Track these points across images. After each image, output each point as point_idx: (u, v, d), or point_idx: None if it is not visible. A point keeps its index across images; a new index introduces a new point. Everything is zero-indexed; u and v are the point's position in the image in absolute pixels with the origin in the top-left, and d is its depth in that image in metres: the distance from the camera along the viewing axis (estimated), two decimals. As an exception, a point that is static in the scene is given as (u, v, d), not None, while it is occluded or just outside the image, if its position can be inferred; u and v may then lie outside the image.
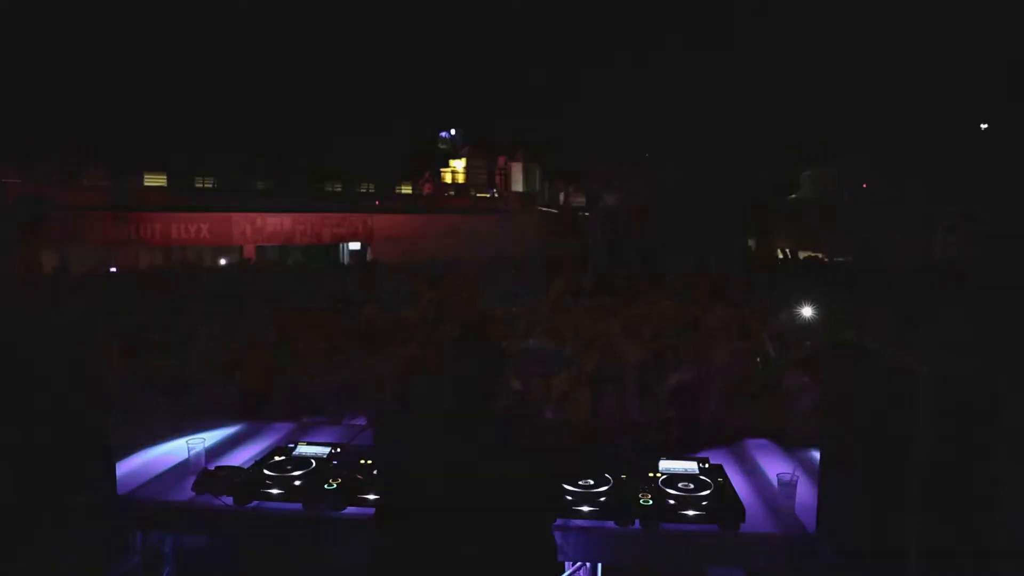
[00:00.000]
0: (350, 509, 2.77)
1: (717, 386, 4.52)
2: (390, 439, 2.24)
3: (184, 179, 20.41)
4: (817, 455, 2.52)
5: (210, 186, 20.96)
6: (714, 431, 4.17)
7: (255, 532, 2.83)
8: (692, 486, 2.78)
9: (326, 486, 2.80)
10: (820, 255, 17.31)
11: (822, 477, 2.46)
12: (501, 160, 26.22)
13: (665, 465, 3.00)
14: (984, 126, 20.21)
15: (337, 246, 20.43)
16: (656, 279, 11.95)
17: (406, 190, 23.93)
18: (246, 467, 2.98)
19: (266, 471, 2.92)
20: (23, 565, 2.30)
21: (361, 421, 4.30)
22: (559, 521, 2.67)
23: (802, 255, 16.24)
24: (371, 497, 2.77)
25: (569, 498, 2.72)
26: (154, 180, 20.36)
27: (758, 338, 5.56)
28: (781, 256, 17.61)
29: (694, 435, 4.06)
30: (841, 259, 17.02)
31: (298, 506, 2.81)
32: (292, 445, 3.23)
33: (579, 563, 3.18)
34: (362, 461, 3.00)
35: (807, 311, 7.15)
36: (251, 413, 4.66)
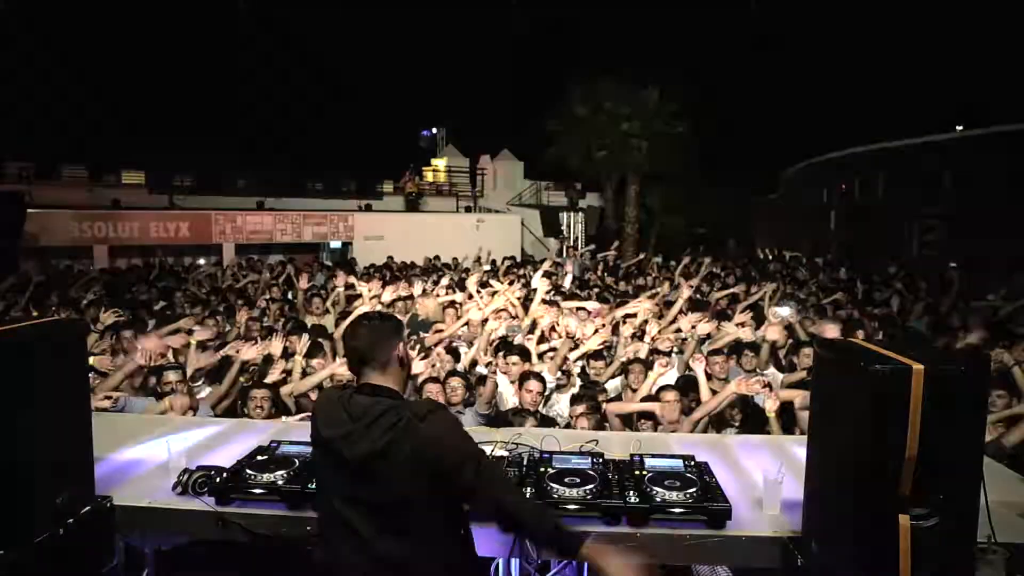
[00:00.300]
0: (334, 509, 2.74)
1: None
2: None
3: (163, 177, 20.13)
4: (804, 453, 2.52)
5: (189, 184, 20.68)
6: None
7: (237, 533, 2.79)
8: (678, 484, 2.78)
9: (309, 486, 2.77)
10: (799, 254, 17.49)
11: (808, 475, 2.46)
12: (482, 158, 26.21)
13: (651, 463, 3.00)
14: (959, 128, 20.47)
15: (319, 245, 20.31)
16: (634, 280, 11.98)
17: (388, 188, 23.80)
18: (228, 467, 2.94)
19: (248, 471, 2.88)
20: (1, 566, 2.25)
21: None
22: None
23: (787, 254, 16.37)
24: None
25: (555, 496, 2.71)
26: (132, 178, 20.10)
27: None
28: (762, 255, 17.77)
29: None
30: (820, 259, 17.21)
31: (281, 506, 2.78)
32: (275, 444, 3.19)
33: (565, 561, 3.17)
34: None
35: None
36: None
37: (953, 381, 1.94)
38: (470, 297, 8.16)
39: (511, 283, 9.09)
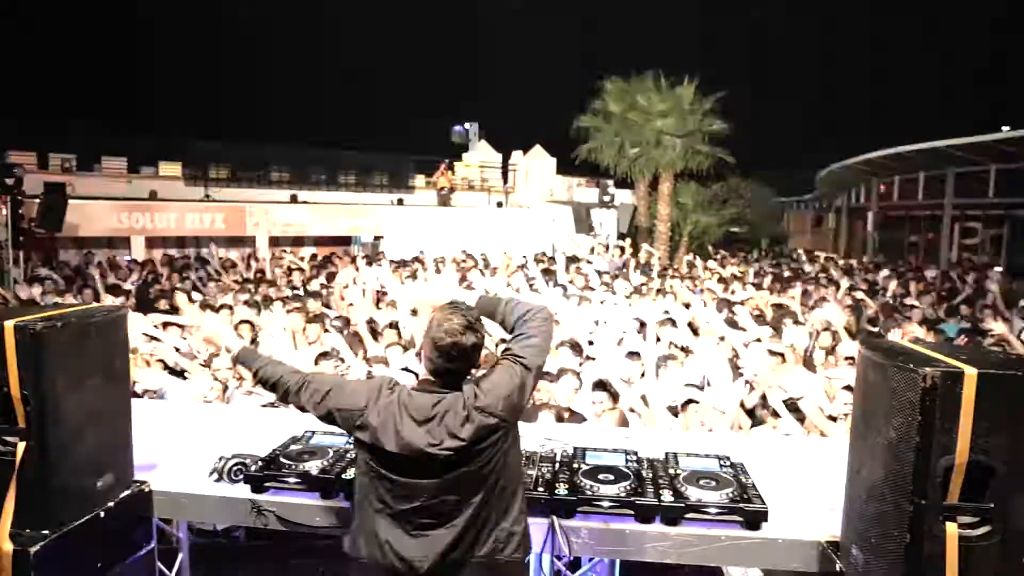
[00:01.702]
0: (367, 499, 2.74)
1: None
2: None
3: (199, 168, 20.40)
4: (845, 454, 2.46)
5: (225, 176, 20.94)
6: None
7: (270, 520, 2.80)
8: (714, 483, 2.73)
9: (343, 475, 2.78)
10: (835, 256, 17.17)
11: (850, 478, 2.39)
12: (514, 154, 26.16)
13: (686, 462, 2.96)
14: (1005, 128, 19.93)
15: (350, 238, 20.47)
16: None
17: (419, 183, 23.86)
18: (263, 455, 2.96)
19: (283, 459, 2.90)
20: (46, 547, 2.29)
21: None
22: (578, 516, 2.64)
23: (821, 256, 16.03)
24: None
25: (589, 492, 2.69)
26: (169, 169, 20.38)
27: None
28: (795, 257, 17.53)
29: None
30: (854, 261, 16.93)
31: (315, 495, 2.79)
32: (310, 434, 3.21)
33: (597, 559, 3.15)
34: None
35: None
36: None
37: (1007, 386, 1.87)
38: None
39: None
